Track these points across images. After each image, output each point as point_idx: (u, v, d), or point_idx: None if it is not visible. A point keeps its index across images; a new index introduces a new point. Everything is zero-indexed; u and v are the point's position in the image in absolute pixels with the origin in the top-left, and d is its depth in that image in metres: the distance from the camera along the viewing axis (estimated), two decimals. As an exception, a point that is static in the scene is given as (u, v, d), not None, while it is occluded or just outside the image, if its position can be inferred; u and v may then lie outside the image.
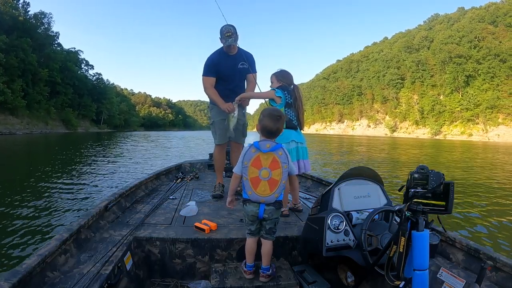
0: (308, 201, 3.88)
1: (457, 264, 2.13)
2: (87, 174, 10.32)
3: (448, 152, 29.51)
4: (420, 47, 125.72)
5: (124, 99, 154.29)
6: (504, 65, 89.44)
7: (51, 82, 74.36)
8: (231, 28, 3.63)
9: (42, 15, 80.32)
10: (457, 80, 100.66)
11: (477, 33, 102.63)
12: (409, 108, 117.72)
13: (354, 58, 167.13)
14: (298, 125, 3.39)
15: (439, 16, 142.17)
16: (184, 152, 21.42)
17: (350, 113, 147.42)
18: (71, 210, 6.00)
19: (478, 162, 19.09)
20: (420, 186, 1.74)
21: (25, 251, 4.12)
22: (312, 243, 2.31)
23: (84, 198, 6.97)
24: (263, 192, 2.22)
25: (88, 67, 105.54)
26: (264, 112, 2.36)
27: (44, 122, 69.32)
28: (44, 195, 7.05)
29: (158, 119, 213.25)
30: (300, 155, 3.31)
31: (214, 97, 3.82)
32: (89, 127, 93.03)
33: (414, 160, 19.27)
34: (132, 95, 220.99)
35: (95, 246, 2.34)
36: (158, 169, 5.30)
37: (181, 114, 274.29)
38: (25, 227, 5.02)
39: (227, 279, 2.33)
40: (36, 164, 12.76)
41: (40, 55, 72.80)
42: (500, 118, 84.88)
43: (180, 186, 4.60)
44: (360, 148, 31.90)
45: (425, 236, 1.66)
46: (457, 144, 49.12)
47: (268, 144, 2.23)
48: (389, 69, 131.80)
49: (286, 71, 3.51)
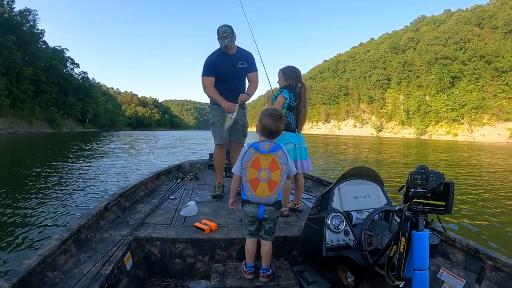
0: (308, 201, 3.89)
1: (457, 264, 2.14)
2: (67, 178, 9.95)
3: (436, 151, 29.90)
4: (407, 48, 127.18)
5: (110, 98, 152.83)
6: (489, 66, 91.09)
7: (35, 81, 72.98)
8: (228, 29, 3.58)
9: (27, 12, 78.82)
10: (442, 81, 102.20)
11: (463, 34, 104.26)
12: (395, 108, 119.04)
13: (341, 59, 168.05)
14: (296, 129, 3.35)
15: (426, 17, 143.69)
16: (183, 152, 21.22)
17: (336, 113, 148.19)
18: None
19: (473, 162, 19.35)
20: (420, 186, 1.74)
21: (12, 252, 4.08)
22: (312, 243, 2.33)
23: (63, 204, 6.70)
24: (263, 193, 2.21)
25: (74, 65, 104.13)
26: (264, 112, 2.34)
27: (29, 121, 68.10)
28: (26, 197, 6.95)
29: (144, 118, 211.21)
30: (298, 156, 3.29)
31: (215, 96, 3.77)
32: (74, 126, 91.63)
33: (403, 160, 19.45)
34: (118, 94, 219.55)
35: (95, 246, 2.33)
36: (158, 169, 5.27)
37: (168, 114, 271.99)
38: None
39: (227, 279, 2.33)
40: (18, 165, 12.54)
41: (25, 53, 71.48)
42: (485, 118, 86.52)
43: (180, 186, 4.59)
44: (347, 148, 32.09)
45: (425, 236, 1.67)
46: (443, 144, 49.74)
47: (267, 145, 2.21)
48: (376, 69, 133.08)
49: (294, 67, 3.41)
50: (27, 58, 72.23)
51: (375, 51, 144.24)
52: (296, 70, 3.40)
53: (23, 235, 4.66)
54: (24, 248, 4.23)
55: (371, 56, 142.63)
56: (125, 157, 16.30)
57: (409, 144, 47.13)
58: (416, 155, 24.96)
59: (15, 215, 5.57)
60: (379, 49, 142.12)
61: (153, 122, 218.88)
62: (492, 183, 11.08)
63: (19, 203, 6.33)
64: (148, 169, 11.39)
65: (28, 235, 4.68)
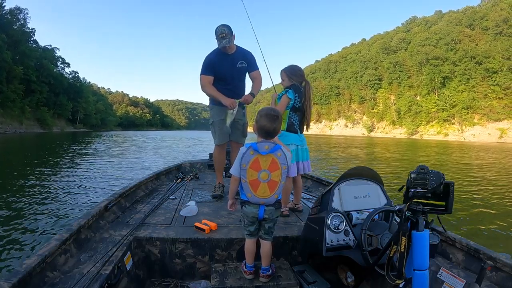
0: (308, 201, 3.90)
1: (457, 264, 2.15)
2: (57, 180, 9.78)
3: (429, 150, 30.07)
4: (398, 48, 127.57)
5: (101, 98, 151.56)
6: (479, 67, 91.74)
7: (26, 80, 72.05)
8: (225, 29, 3.53)
9: (18, 11, 77.86)
10: (433, 81, 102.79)
11: (454, 35, 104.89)
12: (386, 108, 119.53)
13: (333, 59, 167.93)
14: (299, 130, 3.32)
15: (417, 18, 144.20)
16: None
17: (328, 113, 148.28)
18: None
19: (471, 162, 19.58)
20: (420, 186, 1.75)
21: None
22: (312, 243, 2.33)
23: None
24: (263, 194, 2.21)
25: (64, 65, 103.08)
26: (260, 112, 2.32)
27: (19, 121, 67.32)
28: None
29: (136, 118, 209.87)
30: (300, 157, 3.28)
31: (214, 93, 3.74)
32: (64, 126, 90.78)
33: (398, 160, 19.56)
34: (109, 94, 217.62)
35: (95, 246, 2.33)
36: (158, 169, 5.27)
37: (159, 114, 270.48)
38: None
39: (227, 279, 2.33)
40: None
41: (15, 52, 70.67)
42: (476, 118, 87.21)
43: (180, 186, 4.59)
44: (339, 147, 32.15)
45: (425, 236, 1.68)
46: (435, 144, 50.07)
47: (266, 145, 2.20)
48: (367, 70, 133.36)
49: (296, 66, 3.38)
50: (17, 57, 71.33)
51: (366, 52, 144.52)
52: (299, 68, 3.37)
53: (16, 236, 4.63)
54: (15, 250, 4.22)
55: (363, 57, 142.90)
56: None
57: (401, 144, 47.42)
58: (412, 155, 25.08)
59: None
60: (371, 49, 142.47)
61: (144, 122, 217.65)
62: (491, 183, 11.14)
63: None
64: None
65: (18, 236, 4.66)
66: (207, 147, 21.96)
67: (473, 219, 6.31)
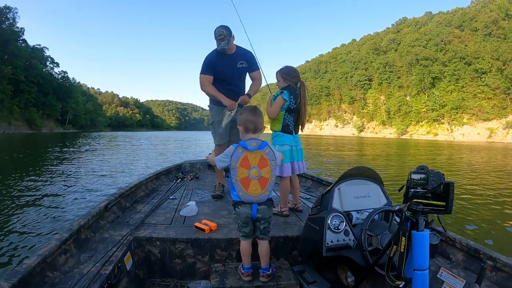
0: (308, 201, 3.90)
1: (457, 264, 2.15)
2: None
3: (420, 150, 30.28)
4: (388, 49, 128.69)
5: (90, 98, 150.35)
6: (469, 67, 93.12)
7: (14, 80, 71.50)
8: (224, 31, 3.51)
9: (7, 10, 77.06)
10: (423, 82, 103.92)
11: (443, 36, 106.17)
12: (376, 108, 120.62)
13: (323, 59, 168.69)
14: (294, 130, 3.33)
15: (407, 19, 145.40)
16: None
17: (318, 113, 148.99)
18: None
19: (466, 161, 19.68)
20: (420, 186, 1.74)
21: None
22: (312, 243, 2.33)
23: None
24: (255, 192, 2.22)
25: (54, 64, 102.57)
26: (241, 111, 2.43)
27: (7, 122, 66.76)
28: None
29: (126, 119, 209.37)
30: (295, 157, 3.29)
31: (214, 93, 3.72)
32: (54, 127, 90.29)
33: (393, 159, 19.68)
34: (99, 94, 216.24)
35: (95, 246, 2.33)
36: (158, 169, 5.26)
37: (149, 114, 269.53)
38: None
39: (227, 279, 2.33)
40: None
41: (3, 52, 70.08)
42: (465, 118, 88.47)
43: (180, 186, 4.59)
44: (330, 147, 32.23)
45: (425, 236, 1.67)
46: (425, 144, 50.47)
47: (254, 142, 2.23)
48: (357, 70, 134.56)
49: (291, 67, 3.37)
50: (6, 57, 70.75)
51: (356, 52, 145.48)
52: (294, 69, 3.37)
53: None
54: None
55: (353, 57, 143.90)
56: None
57: (391, 143, 47.69)
58: (405, 155, 25.24)
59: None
60: (361, 50, 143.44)
61: (134, 123, 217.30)
62: (491, 182, 11.20)
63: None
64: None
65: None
66: (207, 149, 21.85)
67: (473, 219, 6.31)
